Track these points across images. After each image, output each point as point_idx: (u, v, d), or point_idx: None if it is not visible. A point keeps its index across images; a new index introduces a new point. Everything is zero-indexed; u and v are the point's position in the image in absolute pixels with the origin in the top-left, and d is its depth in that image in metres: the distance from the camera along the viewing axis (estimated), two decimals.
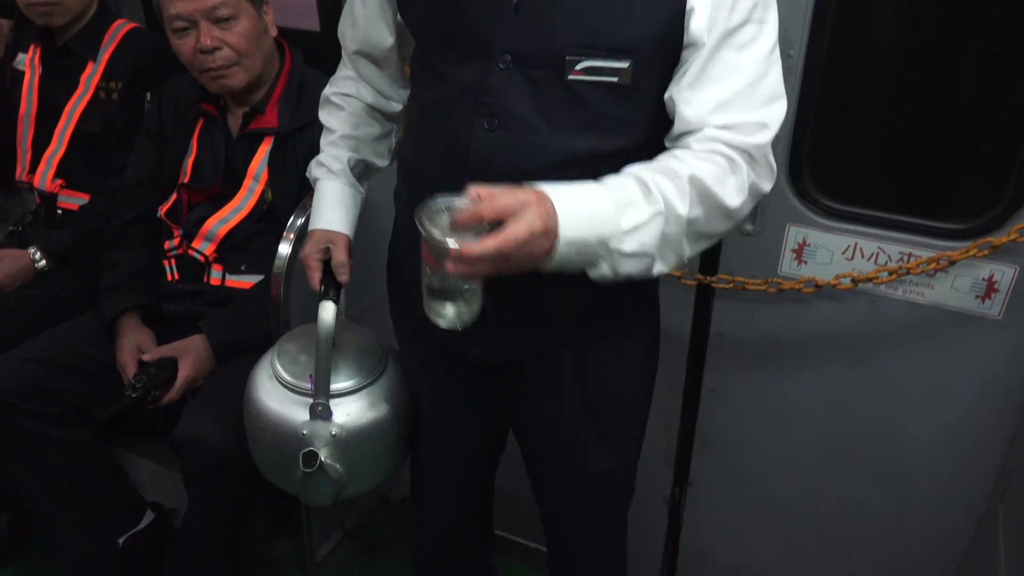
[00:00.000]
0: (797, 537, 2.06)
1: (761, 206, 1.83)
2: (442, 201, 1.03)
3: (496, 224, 0.96)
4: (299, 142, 1.86)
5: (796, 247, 1.84)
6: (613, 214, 1.02)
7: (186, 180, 1.91)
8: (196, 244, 1.90)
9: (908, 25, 1.72)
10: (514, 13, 1.11)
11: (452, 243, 0.97)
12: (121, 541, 2.02)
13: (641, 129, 1.17)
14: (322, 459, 1.32)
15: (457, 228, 0.99)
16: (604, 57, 1.08)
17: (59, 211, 2.20)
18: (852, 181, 1.86)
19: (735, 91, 1.08)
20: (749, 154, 1.09)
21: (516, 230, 0.95)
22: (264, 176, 1.87)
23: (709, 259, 1.92)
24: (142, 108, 2.16)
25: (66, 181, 2.19)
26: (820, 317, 1.86)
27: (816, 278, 1.81)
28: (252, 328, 1.80)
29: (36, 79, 2.22)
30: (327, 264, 1.38)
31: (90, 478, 1.94)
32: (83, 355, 1.89)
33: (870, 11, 1.70)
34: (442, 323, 1.10)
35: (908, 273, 1.74)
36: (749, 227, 1.86)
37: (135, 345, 1.83)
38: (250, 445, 1.49)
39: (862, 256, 1.79)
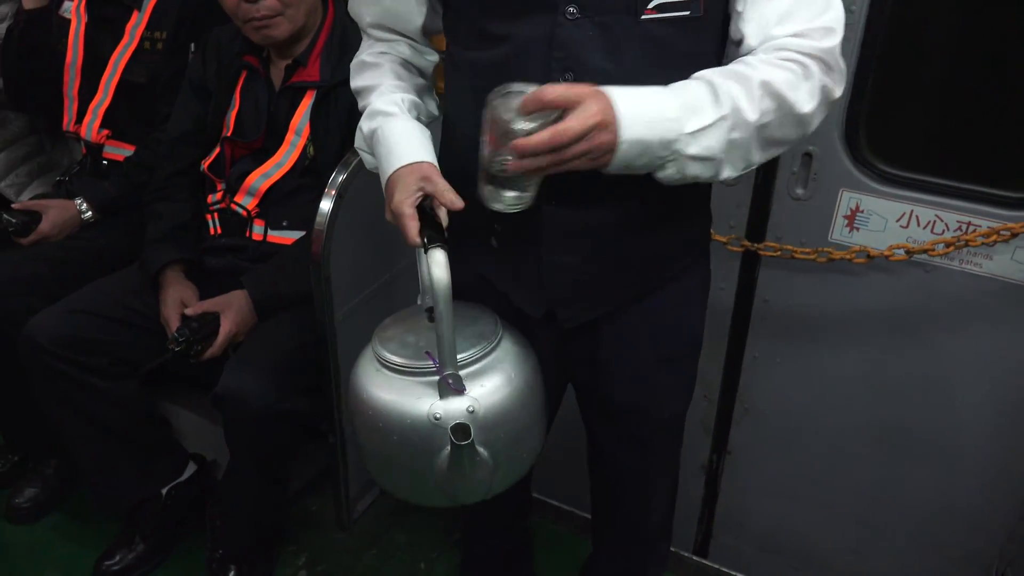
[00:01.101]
0: (836, 510, 2.03)
1: (813, 170, 1.78)
2: (516, 87, 1.01)
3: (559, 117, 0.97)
4: (341, 96, 1.84)
5: (848, 213, 1.78)
6: (677, 116, 1.01)
7: (229, 133, 1.91)
8: (239, 199, 1.90)
9: None
10: None
11: (520, 124, 0.97)
12: (164, 492, 2.06)
13: (711, 64, 1.13)
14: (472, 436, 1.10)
15: (524, 114, 0.98)
16: None
17: (104, 162, 2.21)
18: (910, 145, 1.80)
19: (793, 2, 1.07)
20: (822, 60, 1.07)
21: (570, 123, 0.95)
22: (306, 131, 1.85)
23: (756, 223, 1.88)
24: (186, 59, 2.15)
25: (112, 132, 2.19)
26: (871, 287, 1.81)
27: (868, 247, 1.76)
28: (293, 284, 1.80)
29: (82, 28, 2.22)
30: (420, 209, 1.15)
31: (135, 429, 1.97)
32: (128, 307, 1.90)
33: None
34: (497, 207, 1.07)
35: (966, 244, 1.68)
36: (800, 191, 1.81)
37: (179, 299, 1.84)
38: (370, 462, 1.26)
39: (918, 224, 1.73)
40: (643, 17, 1.06)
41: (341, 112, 1.84)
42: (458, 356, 1.14)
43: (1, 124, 2.50)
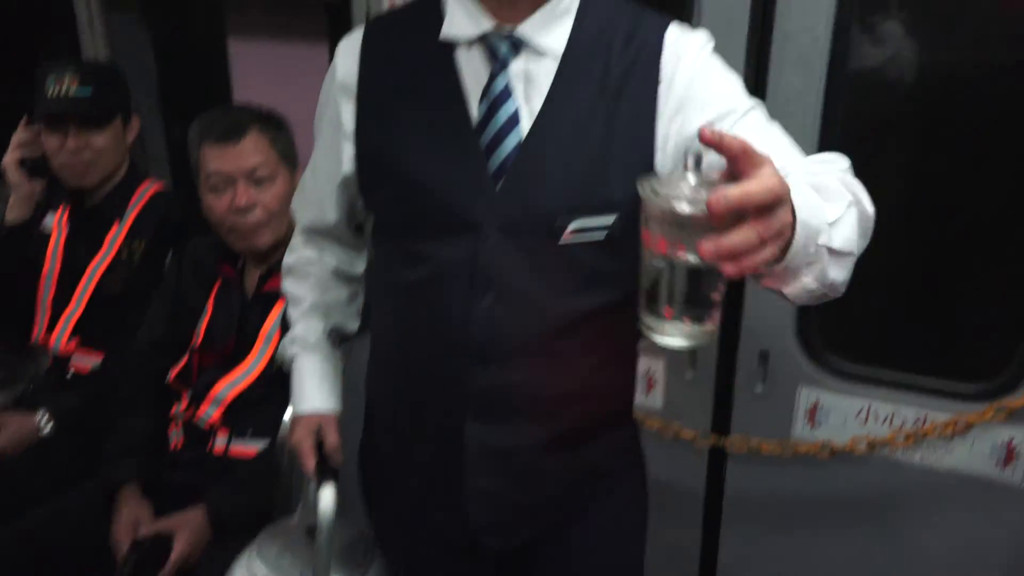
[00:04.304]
0: None
1: (771, 368, 1.82)
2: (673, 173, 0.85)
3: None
4: None
5: (809, 409, 1.82)
6: (821, 203, 0.87)
7: (199, 342, 1.93)
8: (204, 409, 1.89)
9: (913, 184, 1.76)
10: (494, 185, 1.10)
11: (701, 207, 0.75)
12: None
13: (629, 281, 1.16)
14: None
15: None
16: (591, 214, 1.09)
17: (71, 372, 2.20)
18: (863, 341, 1.86)
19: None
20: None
21: (769, 177, 0.75)
22: (276, 338, 1.87)
23: (721, 419, 1.90)
24: (162, 268, 2.20)
25: (81, 340, 2.19)
26: (837, 482, 1.81)
27: (832, 441, 1.78)
28: (256, 499, 1.76)
29: (62, 239, 2.26)
30: (319, 447, 1.36)
31: None
32: (83, 529, 1.83)
33: (876, 169, 1.74)
34: (674, 341, 0.85)
35: (925, 437, 1.70)
36: (759, 388, 1.85)
37: (132, 520, 1.78)
38: None
39: (876, 419, 1.76)
40: (562, 241, 1.10)
41: None
42: None
43: None
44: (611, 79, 1.10)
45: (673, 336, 0.84)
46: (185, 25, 2.71)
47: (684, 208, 0.76)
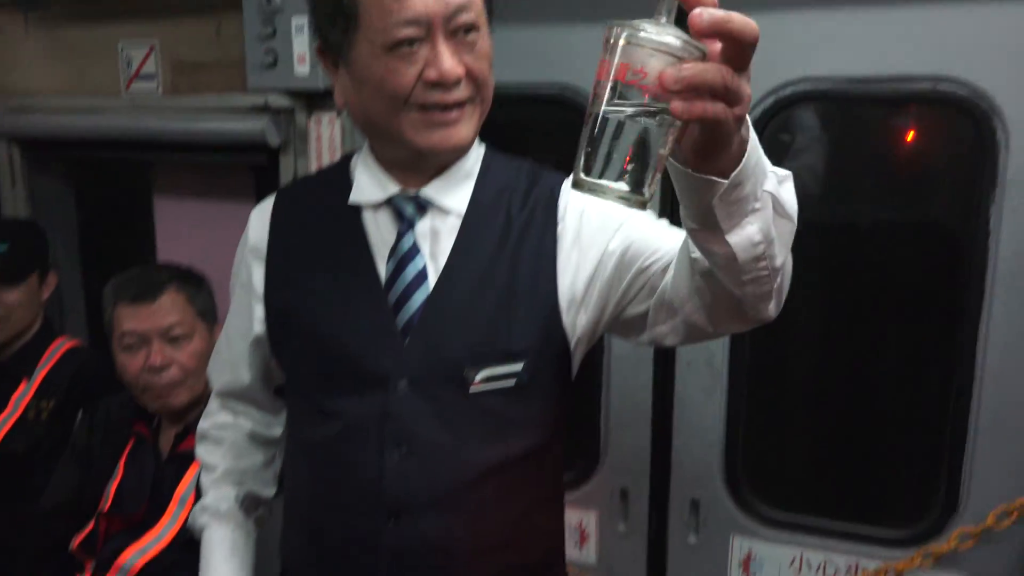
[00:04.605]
0: None
1: (702, 517, 1.81)
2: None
3: None
4: None
5: (742, 560, 1.80)
6: (764, 155, 0.83)
7: (107, 507, 1.81)
8: None
9: (830, 337, 1.83)
10: (402, 339, 1.12)
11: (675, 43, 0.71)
12: None
13: (544, 428, 1.18)
14: None
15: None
16: (499, 363, 1.11)
17: None
18: (791, 488, 1.87)
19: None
20: None
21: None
22: (190, 501, 1.78)
23: (655, 573, 1.86)
24: (71, 427, 2.10)
25: None
26: None
27: None
28: None
29: None
30: None
31: None
32: None
33: (793, 319, 1.80)
34: (605, 198, 0.77)
35: None
36: (692, 539, 1.83)
37: None
38: None
39: (810, 568, 1.75)
40: (471, 391, 1.11)
41: None
42: None
43: None
44: (512, 231, 1.14)
45: (606, 195, 0.77)
46: (110, 183, 2.73)
47: (653, 32, 0.72)
